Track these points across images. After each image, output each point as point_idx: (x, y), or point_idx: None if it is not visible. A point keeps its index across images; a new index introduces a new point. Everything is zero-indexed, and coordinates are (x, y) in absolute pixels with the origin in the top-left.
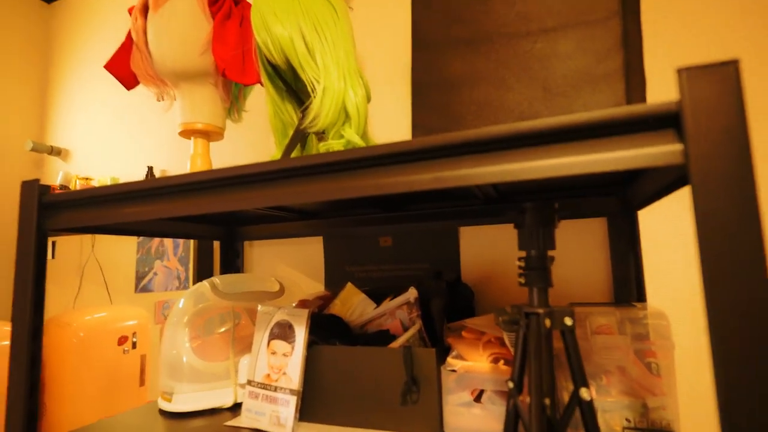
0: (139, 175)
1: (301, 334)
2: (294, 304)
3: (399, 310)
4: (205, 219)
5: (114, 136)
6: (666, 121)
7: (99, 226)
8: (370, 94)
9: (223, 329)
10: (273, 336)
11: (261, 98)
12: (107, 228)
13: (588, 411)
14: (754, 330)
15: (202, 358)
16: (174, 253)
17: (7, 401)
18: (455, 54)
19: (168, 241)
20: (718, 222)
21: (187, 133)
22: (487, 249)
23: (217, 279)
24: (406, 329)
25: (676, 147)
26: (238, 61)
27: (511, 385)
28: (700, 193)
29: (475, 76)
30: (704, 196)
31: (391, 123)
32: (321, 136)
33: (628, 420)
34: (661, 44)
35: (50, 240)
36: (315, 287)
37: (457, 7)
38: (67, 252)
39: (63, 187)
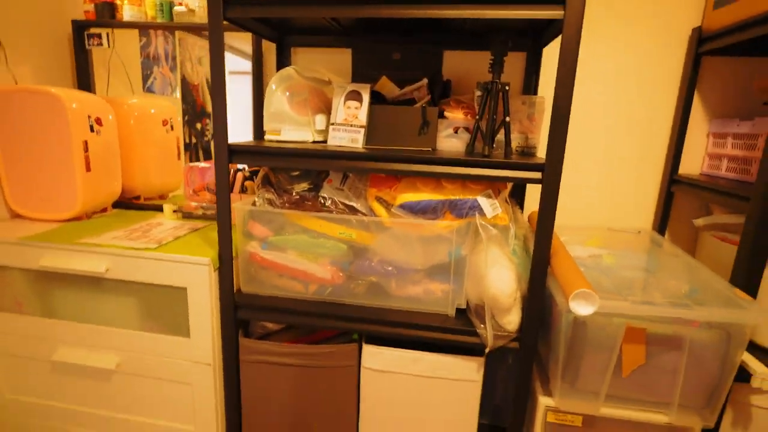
0: None
1: (366, 96)
2: None
3: (416, 92)
4: (273, 25)
5: None
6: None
7: (245, 20)
8: None
9: (301, 98)
10: (348, 98)
11: None
12: (245, 21)
13: (507, 127)
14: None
15: (293, 112)
16: (166, 62)
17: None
18: None
19: (161, 50)
20: (569, 45)
21: None
22: (459, 64)
23: (294, 67)
24: (419, 100)
25: (561, 11)
26: None
27: (477, 117)
28: (567, 29)
29: None
30: (568, 31)
31: None
32: None
33: (519, 143)
34: None
35: (104, 31)
36: None
37: None
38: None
39: None
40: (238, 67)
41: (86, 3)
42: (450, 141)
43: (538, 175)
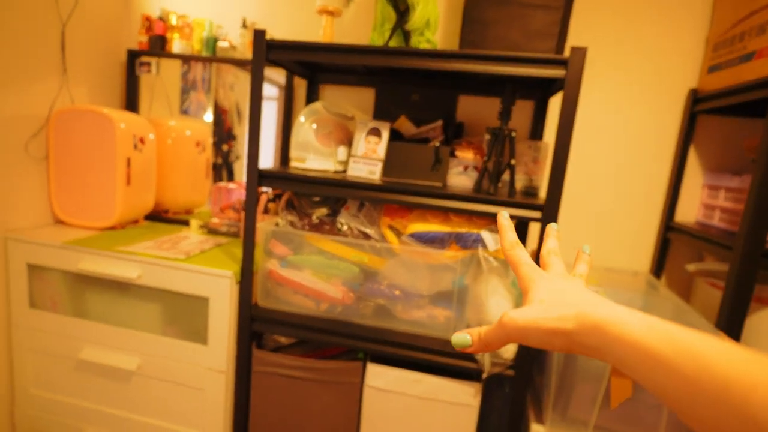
0: (231, 22)
1: (386, 133)
2: None
3: (431, 131)
4: (306, 65)
5: None
6: (562, 62)
7: (283, 61)
8: None
9: (327, 131)
10: (369, 134)
11: None
12: (283, 62)
13: (512, 169)
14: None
15: (318, 143)
16: (202, 87)
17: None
18: (489, 6)
19: (199, 76)
20: (569, 103)
21: (321, 11)
22: (471, 108)
23: (322, 102)
24: (433, 139)
25: (563, 71)
26: None
27: (485, 158)
28: (567, 87)
29: (495, 21)
30: (569, 89)
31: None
32: (408, 33)
33: (524, 184)
34: (577, 24)
35: (154, 60)
36: None
37: None
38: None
39: (161, 18)
40: (264, 92)
41: (140, 35)
42: (459, 178)
43: (538, 214)
